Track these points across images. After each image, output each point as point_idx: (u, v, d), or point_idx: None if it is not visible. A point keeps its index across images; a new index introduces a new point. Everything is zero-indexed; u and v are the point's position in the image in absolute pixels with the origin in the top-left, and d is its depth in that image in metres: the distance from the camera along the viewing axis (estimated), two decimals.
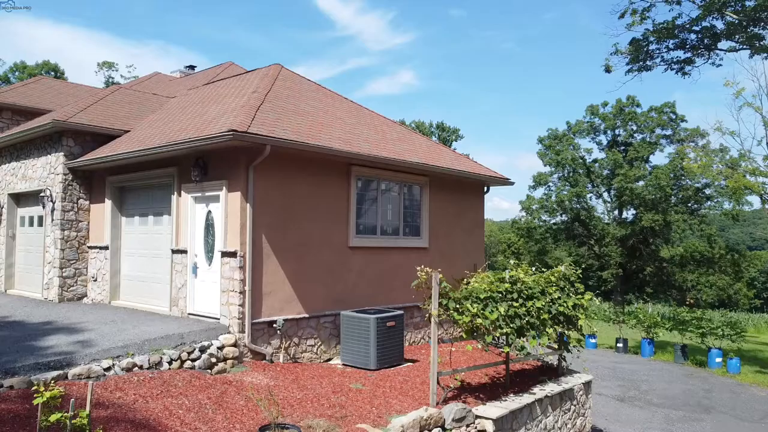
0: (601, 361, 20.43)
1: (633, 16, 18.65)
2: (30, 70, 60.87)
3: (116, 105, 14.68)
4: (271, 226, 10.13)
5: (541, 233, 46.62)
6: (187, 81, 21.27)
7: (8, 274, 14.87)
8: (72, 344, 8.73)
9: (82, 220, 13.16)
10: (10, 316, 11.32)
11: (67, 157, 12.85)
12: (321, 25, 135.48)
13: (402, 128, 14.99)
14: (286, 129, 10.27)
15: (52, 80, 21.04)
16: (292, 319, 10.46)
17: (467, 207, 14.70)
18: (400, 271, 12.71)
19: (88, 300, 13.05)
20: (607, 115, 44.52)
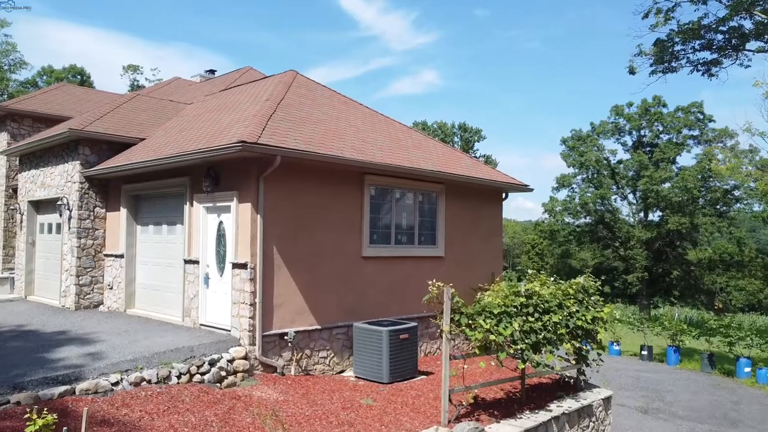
0: (624, 370, 19.95)
1: (657, 17, 18.17)
2: (57, 74, 61.98)
3: (133, 112, 14.73)
4: (282, 237, 10.01)
5: (564, 236, 45.95)
6: (206, 86, 21.34)
7: (28, 280, 15.02)
8: (82, 356, 8.72)
9: (98, 228, 13.22)
10: (26, 324, 11.40)
11: (84, 166, 12.91)
12: (344, 25, 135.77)
13: (418, 134, 14.78)
14: (298, 138, 10.14)
15: (73, 87, 21.27)
16: (303, 331, 10.33)
17: (484, 214, 14.42)
18: (415, 281, 12.49)
19: (104, 308, 13.10)
20: (632, 115, 43.67)
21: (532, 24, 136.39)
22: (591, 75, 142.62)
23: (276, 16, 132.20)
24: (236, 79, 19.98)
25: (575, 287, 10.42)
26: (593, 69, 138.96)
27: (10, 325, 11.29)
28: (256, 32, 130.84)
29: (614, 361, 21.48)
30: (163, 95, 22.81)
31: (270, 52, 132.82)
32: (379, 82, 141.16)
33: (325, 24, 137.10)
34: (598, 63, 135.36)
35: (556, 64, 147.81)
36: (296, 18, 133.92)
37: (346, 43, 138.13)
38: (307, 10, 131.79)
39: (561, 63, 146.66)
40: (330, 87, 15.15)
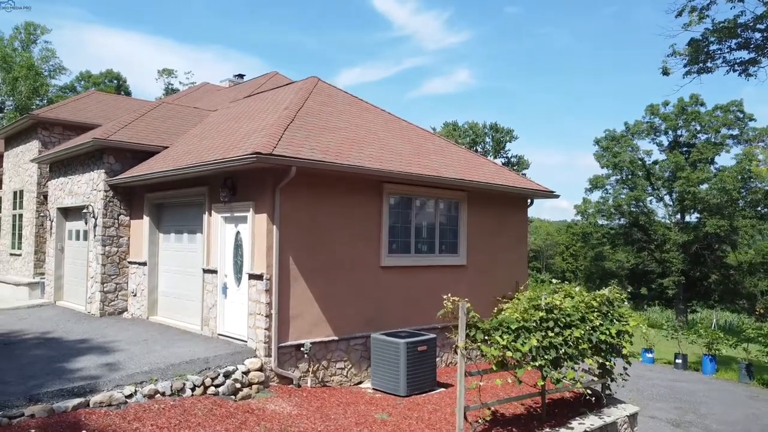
0: (657, 379, 19.36)
1: (691, 15, 17.55)
2: (94, 79, 63.53)
3: (158, 120, 14.88)
4: (298, 248, 9.94)
5: (597, 238, 45.02)
6: (233, 91, 21.50)
7: (57, 285, 15.32)
8: (100, 367, 8.79)
9: (122, 235, 13.38)
10: (51, 331, 11.59)
11: (108, 174, 13.08)
12: (377, 26, 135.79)
13: (440, 140, 14.56)
14: (314, 148, 10.05)
15: (103, 94, 21.67)
16: (320, 342, 10.24)
17: (509, 221, 14.13)
18: (436, 290, 12.26)
19: (128, 314, 13.26)
20: (668, 114, 42.52)
21: (565, 20, 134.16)
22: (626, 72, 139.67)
23: (309, 18, 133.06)
24: (262, 84, 20.08)
25: (599, 299, 10.09)
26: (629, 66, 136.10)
27: (36, 332, 11.49)
28: (289, 34, 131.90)
29: (647, 369, 20.89)
30: (192, 101, 23.11)
31: (303, 54, 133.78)
32: (412, 82, 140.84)
33: (359, 25, 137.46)
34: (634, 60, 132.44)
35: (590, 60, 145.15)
36: (329, 19, 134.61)
37: (379, 43, 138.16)
38: (340, 12, 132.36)
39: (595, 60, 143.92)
40: (352, 93, 15.07)
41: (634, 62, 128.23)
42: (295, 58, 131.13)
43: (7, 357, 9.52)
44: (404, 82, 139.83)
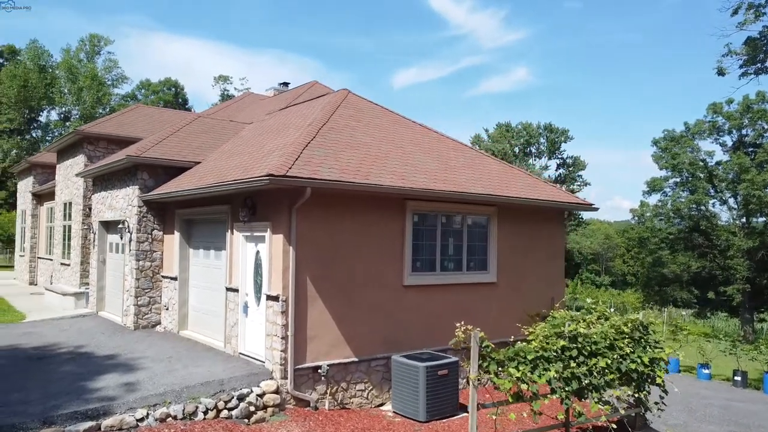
0: (712, 398, 18.26)
1: (746, 14, 16.43)
2: (153, 88, 65.82)
3: (192, 135, 15.12)
4: (316, 269, 9.82)
5: (655, 243, 43.12)
6: (273, 102, 21.70)
7: (99, 296, 15.80)
8: (119, 387, 8.92)
9: (156, 250, 13.65)
10: (84, 345, 11.91)
11: (142, 190, 13.36)
12: (434, 25, 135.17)
13: (472, 152, 14.16)
14: (333, 167, 9.91)
15: (148, 108, 22.28)
16: (339, 364, 10.08)
17: (543, 236, 13.60)
18: (464, 309, 11.95)
19: (161, 328, 13.50)
20: (732, 113, 40.24)
21: (626, 14, 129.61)
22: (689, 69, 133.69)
23: (365, 20, 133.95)
24: (299, 95, 20.16)
25: (631, 325, 9.51)
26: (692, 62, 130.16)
27: (70, 346, 11.83)
28: (345, 36, 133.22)
29: (702, 386, 19.75)
30: (235, 111, 23.48)
31: (358, 56, 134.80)
32: (469, 81, 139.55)
33: (414, 25, 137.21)
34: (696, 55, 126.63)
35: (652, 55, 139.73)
36: (385, 20, 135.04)
37: (436, 43, 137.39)
38: (396, 12, 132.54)
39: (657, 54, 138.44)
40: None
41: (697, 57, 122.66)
42: (351, 61, 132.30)
43: (37, 372, 9.81)
44: (461, 81, 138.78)
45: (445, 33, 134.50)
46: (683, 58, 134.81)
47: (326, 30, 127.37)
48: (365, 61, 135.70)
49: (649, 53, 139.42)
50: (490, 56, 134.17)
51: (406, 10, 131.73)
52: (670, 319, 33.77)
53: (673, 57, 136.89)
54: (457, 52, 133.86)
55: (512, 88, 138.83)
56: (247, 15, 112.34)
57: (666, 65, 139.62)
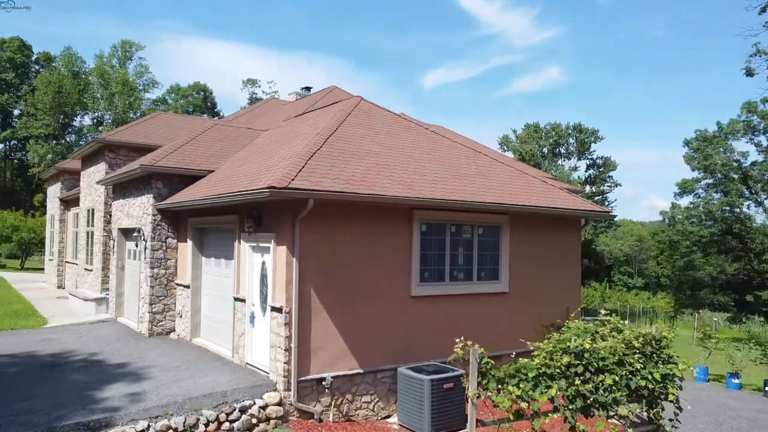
0: (741, 409, 17.63)
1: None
2: (183, 92, 66.88)
3: (207, 143, 15.24)
4: (320, 280, 9.78)
5: (687, 246, 42.07)
6: (292, 108, 21.79)
7: (118, 302, 16.05)
8: (124, 397, 9.01)
9: (170, 258, 13.79)
10: (99, 353, 12.09)
11: (156, 199, 13.52)
12: (464, 25, 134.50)
13: (485, 159, 13.94)
14: (338, 177, 9.84)
15: (168, 115, 22.59)
16: (344, 376, 10.02)
17: (558, 244, 13.32)
18: (474, 320, 11.80)
19: (175, 335, 13.64)
20: (767, 112, 39.03)
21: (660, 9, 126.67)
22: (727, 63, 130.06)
23: (395, 20, 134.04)
24: (317, 101, 20.18)
25: (643, 339, 9.21)
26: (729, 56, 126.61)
27: (85, 353, 12.02)
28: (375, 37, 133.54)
29: (731, 397, 19.10)
30: (255, 116, 23.64)
31: (388, 56, 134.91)
32: (500, 81, 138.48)
33: (445, 25, 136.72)
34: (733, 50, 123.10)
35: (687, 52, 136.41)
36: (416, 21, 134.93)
37: (466, 42, 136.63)
38: (426, 12, 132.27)
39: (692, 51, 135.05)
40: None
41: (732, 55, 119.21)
42: (381, 61, 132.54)
43: (48, 381, 9.97)
44: (492, 81, 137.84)
45: (475, 32, 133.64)
46: (716, 55, 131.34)
47: (356, 31, 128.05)
48: (395, 61, 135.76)
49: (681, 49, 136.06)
50: (521, 55, 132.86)
51: (436, 10, 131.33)
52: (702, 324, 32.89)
53: (709, 53, 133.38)
54: (487, 52, 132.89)
55: (544, 86, 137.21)
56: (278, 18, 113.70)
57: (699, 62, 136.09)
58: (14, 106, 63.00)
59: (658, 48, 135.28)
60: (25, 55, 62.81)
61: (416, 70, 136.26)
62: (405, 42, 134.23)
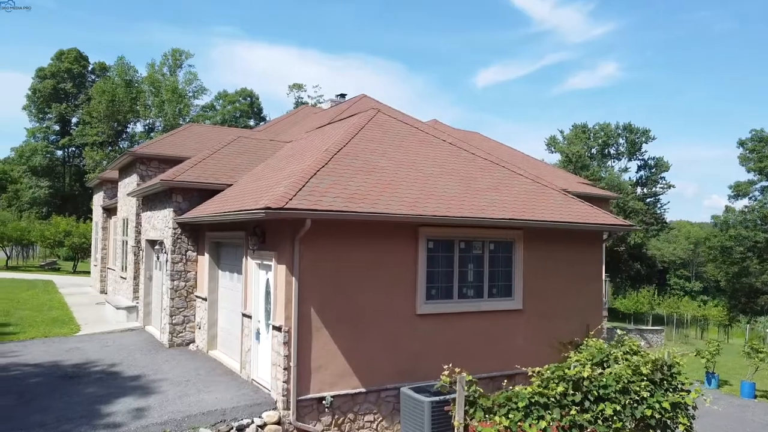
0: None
1: None
2: (230, 98, 68.40)
3: (229, 156, 15.49)
4: (321, 299, 9.76)
5: (741, 252, 40.13)
6: (322, 117, 21.94)
7: (146, 311, 16.51)
8: (128, 412, 9.23)
9: (190, 270, 14.08)
10: (117, 363, 12.45)
11: (176, 213, 13.82)
12: (516, 22, 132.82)
13: (501, 171, 13.62)
14: (339, 195, 9.80)
15: (199, 126, 23.09)
16: (346, 395, 9.97)
17: (577, 259, 12.89)
18: (485, 338, 11.56)
19: (194, 346, 13.91)
20: None
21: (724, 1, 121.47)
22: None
23: (445, 19, 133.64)
24: (344, 111, 20.24)
25: (650, 366, 8.81)
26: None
27: (105, 364, 12.40)
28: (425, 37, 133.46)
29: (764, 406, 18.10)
30: (287, 125, 23.92)
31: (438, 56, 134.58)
32: (554, 79, 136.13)
33: (497, 23, 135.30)
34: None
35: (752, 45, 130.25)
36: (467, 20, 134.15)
37: (519, 40, 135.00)
38: (478, 10, 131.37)
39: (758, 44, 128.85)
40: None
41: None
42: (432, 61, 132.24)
43: (64, 393, 10.32)
44: (545, 79, 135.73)
45: (528, 30, 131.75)
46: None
47: (408, 32, 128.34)
48: (447, 61, 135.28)
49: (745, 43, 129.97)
50: (575, 52, 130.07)
51: (488, 9, 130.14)
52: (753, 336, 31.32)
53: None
54: (541, 49, 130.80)
55: (600, 83, 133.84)
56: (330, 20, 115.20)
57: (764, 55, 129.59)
58: (72, 115, 65.90)
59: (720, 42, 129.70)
60: (81, 65, 65.63)
61: (467, 69, 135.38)
62: (457, 41, 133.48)
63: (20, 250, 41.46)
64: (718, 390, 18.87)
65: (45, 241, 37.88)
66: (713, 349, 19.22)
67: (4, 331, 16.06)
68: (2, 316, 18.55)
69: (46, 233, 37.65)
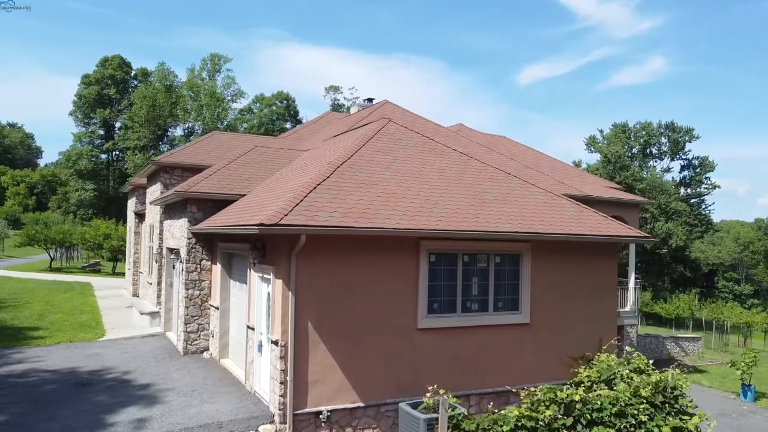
0: None
1: None
2: (267, 101, 69.33)
3: (245, 166, 15.70)
4: (318, 313, 9.79)
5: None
6: (344, 123, 22.01)
7: (167, 317, 16.89)
8: (130, 423, 9.47)
9: (204, 279, 14.34)
10: (131, 371, 12.76)
11: (191, 223, 14.09)
12: (561, 19, 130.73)
13: (514, 181, 13.37)
14: (336, 210, 9.81)
15: (223, 134, 23.46)
16: (344, 409, 9.98)
17: (590, 271, 12.57)
18: (491, 353, 11.40)
19: (208, 354, 14.15)
20: None
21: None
22: None
23: (490, 17, 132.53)
24: (364, 117, 20.28)
25: (651, 388, 8.50)
26: None
27: (119, 372, 12.73)
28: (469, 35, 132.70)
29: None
30: (311, 131, 24.09)
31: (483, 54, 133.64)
32: (600, 74, 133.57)
33: (541, 20, 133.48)
34: None
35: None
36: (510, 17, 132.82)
37: (563, 36, 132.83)
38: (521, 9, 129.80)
39: None
40: (423, 133, 14.52)
41: None
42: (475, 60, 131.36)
43: (75, 401, 10.64)
44: (591, 75, 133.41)
45: (572, 26, 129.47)
46: None
47: (450, 31, 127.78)
48: (490, 59, 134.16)
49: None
50: (622, 47, 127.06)
51: (532, 5, 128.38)
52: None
53: None
54: (586, 45, 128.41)
55: (647, 78, 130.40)
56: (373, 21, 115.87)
57: None
58: (115, 120, 68.05)
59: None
60: (124, 71, 67.71)
61: (511, 67, 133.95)
62: (499, 39, 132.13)
63: (63, 252, 42.97)
64: (754, 403, 18.10)
65: (85, 243, 39.18)
66: (749, 359, 18.42)
67: (34, 335, 16.68)
68: (36, 319, 19.27)
69: (86, 236, 38.94)
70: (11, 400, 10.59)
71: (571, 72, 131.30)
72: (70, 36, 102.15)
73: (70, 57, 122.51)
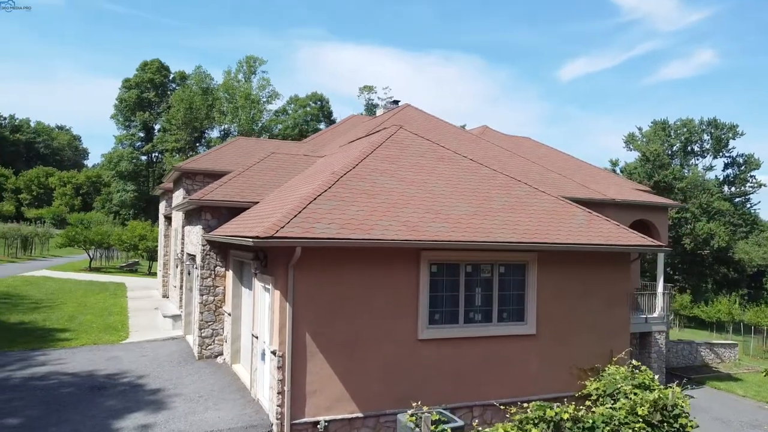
0: None
1: None
2: (300, 102, 69.98)
3: (260, 174, 15.91)
4: (316, 323, 9.87)
5: None
6: (365, 127, 22.05)
7: (187, 321, 17.27)
8: (135, 428, 9.77)
9: (218, 285, 14.61)
10: (145, 375, 13.11)
11: (205, 230, 14.38)
12: (604, 12, 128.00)
13: (524, 189, 13.17)
14: (334, 221, 9.87)
15: (245, 140, 23.77)
16: (342, 419, 10.04)
17: (601, 281, 12.30)
18: (495, 364, 11.29)
19: (221, 359, 14.42)
20: None
21: None
22: None
23: (531, 12, 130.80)
24: (383, 121, 20.28)
25: (648, 407, 8.29)
26: None
27: (134, 375, 13.10)
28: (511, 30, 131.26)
29: None
30: (333, 135, 24.24)
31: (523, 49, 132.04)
32: (645, 69, 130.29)
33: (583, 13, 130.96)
34: None
35: None
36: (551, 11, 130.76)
37: (607, 30, 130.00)
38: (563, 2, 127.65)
39: None
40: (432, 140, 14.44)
41: None
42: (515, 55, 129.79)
43: (87, 405, 11.01)
44: (636, 69, 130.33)
45: (616, 19, 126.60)
46: None
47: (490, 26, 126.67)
48: (530, 54, 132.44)
49: None
50: (668, 40, 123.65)
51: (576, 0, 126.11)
52: None
53: None
54: (630, 39, 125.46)
55: (695, 72, 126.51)
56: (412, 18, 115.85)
57: None
58: (154, 122, 69.82)
59: None
60: (163, 75, 69.38)
61: (553, 62, 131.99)
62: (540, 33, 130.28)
63: (103, 252, 44.35)
64: None
65: (122, 244, 40.34)
66: None
67: (61, 337, 17.28)
68: (66, 321, 19.95)
69: (123, 237, 40.10)
70: (27, 404, 11.02)
71: (615, 66, 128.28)
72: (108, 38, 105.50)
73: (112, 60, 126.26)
